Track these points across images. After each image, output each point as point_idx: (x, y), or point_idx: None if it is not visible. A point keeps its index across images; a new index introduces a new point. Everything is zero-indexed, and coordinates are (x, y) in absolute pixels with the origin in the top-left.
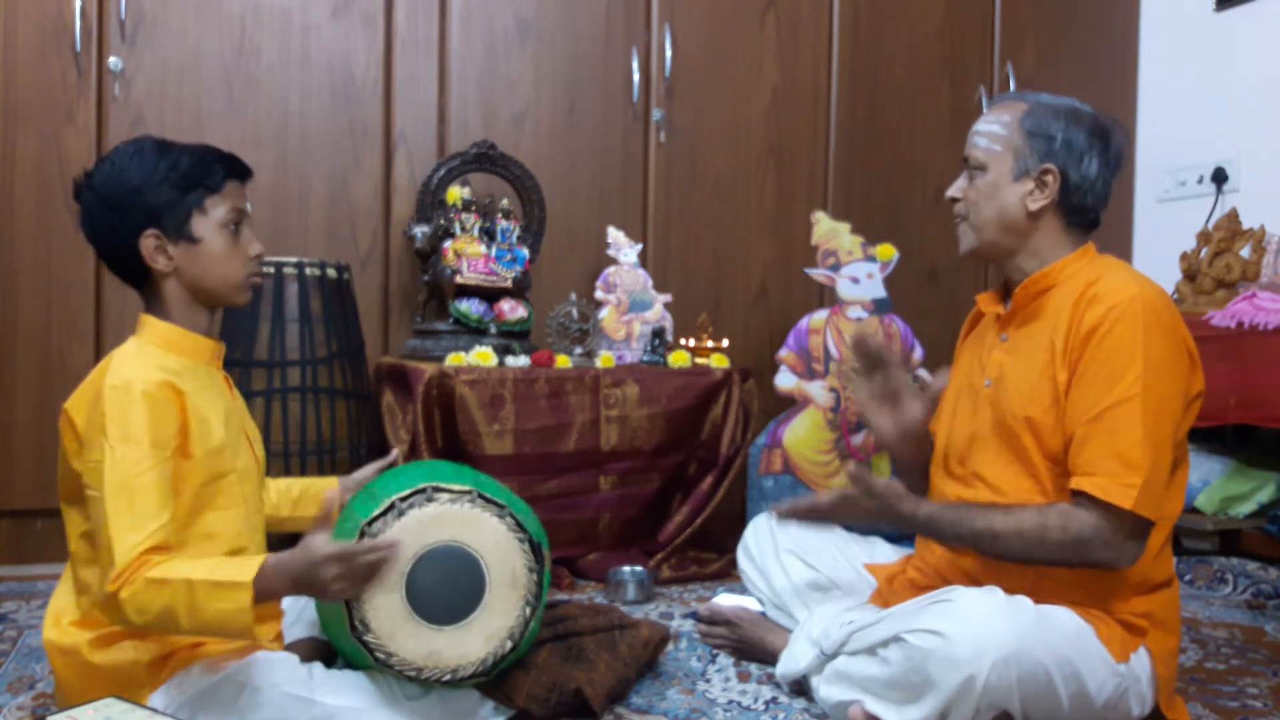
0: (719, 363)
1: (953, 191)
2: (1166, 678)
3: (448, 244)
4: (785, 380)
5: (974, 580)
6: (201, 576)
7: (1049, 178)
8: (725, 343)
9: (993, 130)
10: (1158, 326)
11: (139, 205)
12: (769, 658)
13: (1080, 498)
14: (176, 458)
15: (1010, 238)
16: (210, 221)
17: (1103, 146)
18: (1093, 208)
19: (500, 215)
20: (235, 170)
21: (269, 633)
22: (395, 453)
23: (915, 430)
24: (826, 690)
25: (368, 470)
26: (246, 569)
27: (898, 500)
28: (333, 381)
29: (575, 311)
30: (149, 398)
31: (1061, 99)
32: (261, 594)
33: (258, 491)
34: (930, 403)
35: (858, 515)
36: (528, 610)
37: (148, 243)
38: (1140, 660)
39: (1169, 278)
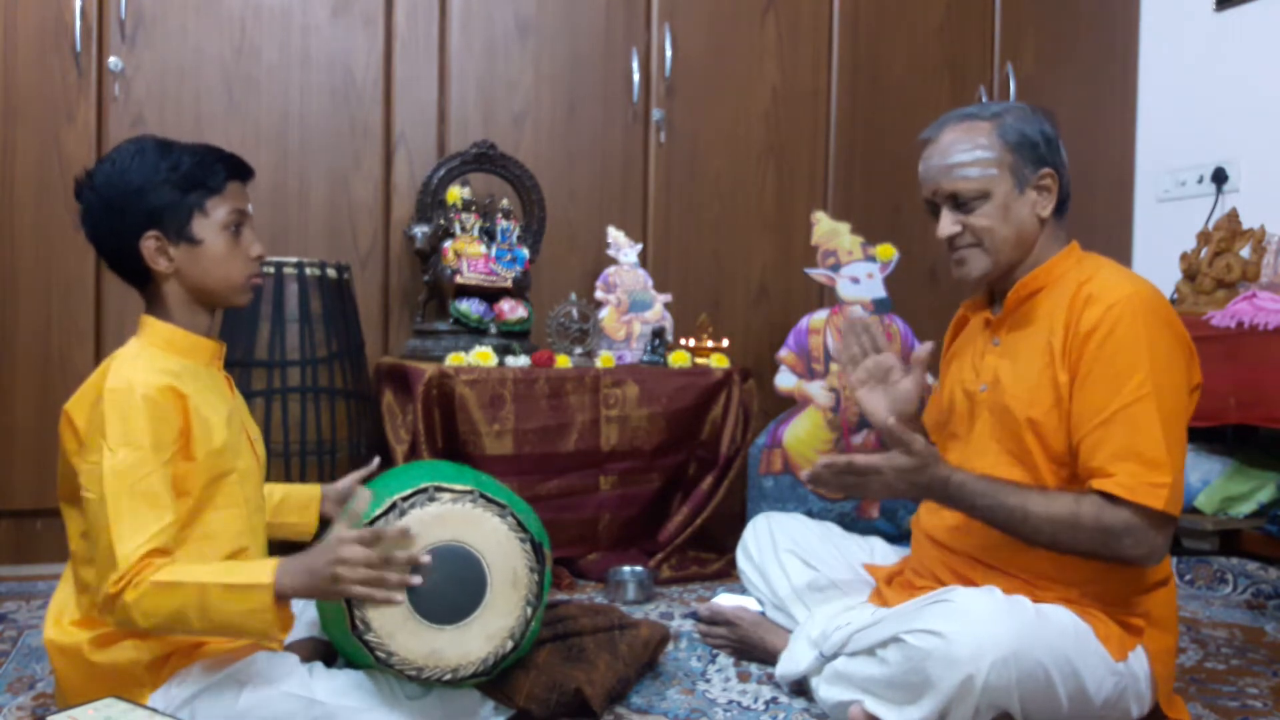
0: (719, 363)
1: (950, 230)
2: (1164, 677)
3: (448, 244)
4: (785, 380)
5: (968, 581)
6: (214, 580)
7: (1048, 180)
8: (725, 343)
9: (978, 156)
10: (1158, 323)
11: (140, 206)
12: (769, 658)
13: (1106, 497)
14: (178, 460)
15: (1022, 251)
16: (211, 223)
17: (1057, 131)
18: (1069, 191)
19: (500, 215)
20: (237, 171)
21: (284, 636)
22: (375, 461)
23: (908, 408)
24: (826, 691)
25: (348, 480)
26: (263, 570)
27: (934, 461)
28: (333, 381)
29: (575, 311)
30: (150, 401)
31: (1002, 104)
32: (280, 593)
33: (259, 491)
34: (920, 376)
35: (888, 483)
36: (529, 610)
37: (149, 244)
38: (1138, 659)
39: (1169, 278)
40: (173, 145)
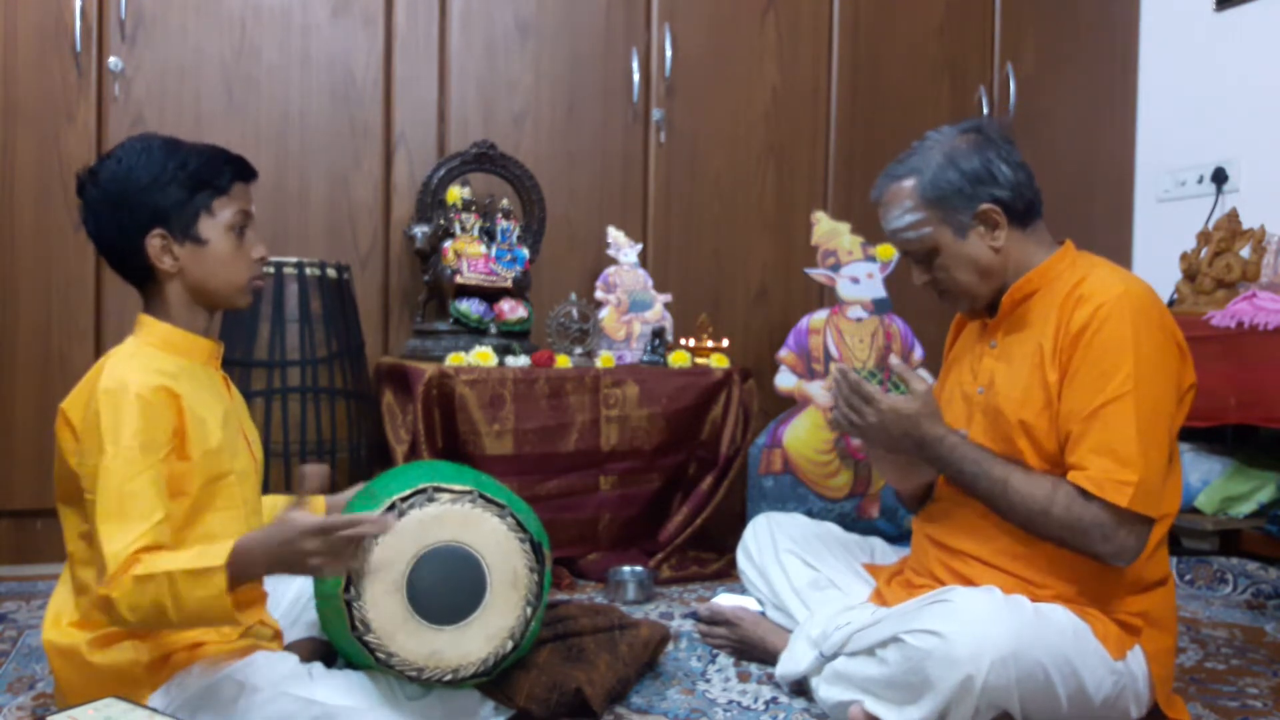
0: (719, 363)
1: (920, 280)
2: (1162, 677)
3: (448, 244)
4: (785, 380)
5: (968, 581)
6: (180, 566)
7: (992, 214)
8: (725, 343)
9: (908, 220)
10: (1146, 323)
11: (146, 204)
12: (769, 658)
13: (1080, 490)
14: (172, 460)
15: (996, 277)
16: (217, 224)
17: (996, 149)
18: (1031, 197)
19: (500, 215)
20: (242, 172)
21: (252, 617)
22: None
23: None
24: (826, 690)
25: (351, 492)
26: (219, 553)
27: (931, 415)
28: (333, 381)
29: (575, 311)
30: (142, 401)
31: (926, 148)
32: (237, 576)
33: (256, 493)
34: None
35: (884, 424)
36: (529, 610)
37: (154, 243)
38: (1136, 659)
39: (1169, 278)
40: (180, 144)
